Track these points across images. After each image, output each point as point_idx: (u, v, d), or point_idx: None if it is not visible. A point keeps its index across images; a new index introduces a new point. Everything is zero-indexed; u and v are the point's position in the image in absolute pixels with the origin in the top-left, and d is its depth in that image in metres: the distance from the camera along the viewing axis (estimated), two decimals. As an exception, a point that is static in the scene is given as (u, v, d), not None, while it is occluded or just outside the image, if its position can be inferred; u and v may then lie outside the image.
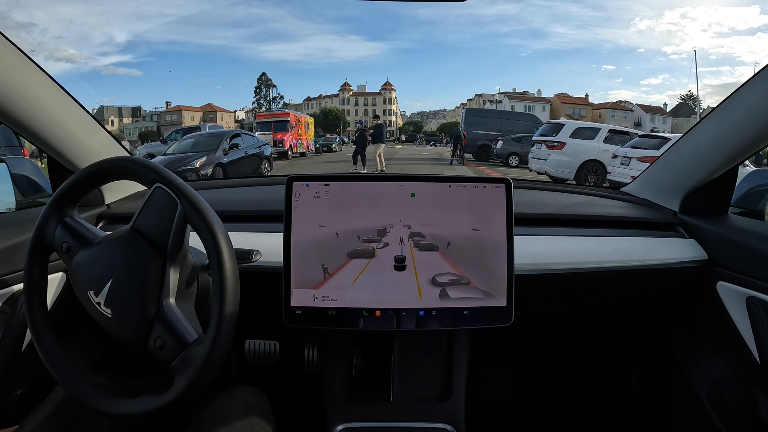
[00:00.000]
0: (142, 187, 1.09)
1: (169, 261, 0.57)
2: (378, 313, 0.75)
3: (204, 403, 0.71)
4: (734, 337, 0.82)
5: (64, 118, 0.84)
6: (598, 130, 7.53)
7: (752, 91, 0.76)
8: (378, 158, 9.09)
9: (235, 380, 1.14)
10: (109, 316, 0.57)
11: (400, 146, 27.70)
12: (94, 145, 0.92)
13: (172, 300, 0.57)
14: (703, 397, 0.91)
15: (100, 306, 0.57)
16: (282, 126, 15.48)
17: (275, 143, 13.93)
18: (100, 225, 0.95)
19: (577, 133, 7.40)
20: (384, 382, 0.91)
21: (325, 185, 0.75)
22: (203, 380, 0.53)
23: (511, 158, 11.43)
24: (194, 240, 0.67)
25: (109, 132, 0.98)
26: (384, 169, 9.03)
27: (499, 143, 11.92)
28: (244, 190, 1.19)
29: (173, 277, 0.58)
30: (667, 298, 1.02)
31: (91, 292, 0.58)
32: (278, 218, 0.75)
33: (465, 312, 0.75)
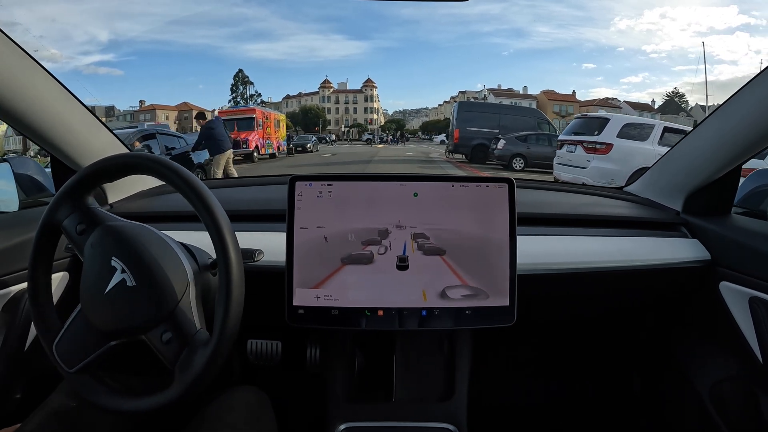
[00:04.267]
0: (144, 187, 1.09)
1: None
2: (380, 312, 0.75)
3: (206, 402, 0.71)
4: (737, 337, 0.82)
5: (67, 117, 0.85)
6: (651, 127, 5.63)
7: (756, 89, 0.76)
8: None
9: (237, 380, 1.14)
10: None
11: (382, 146, 25.81)
12: (97, 144, 0.93)
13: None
14: (705, 398, 0.91)
15: (124, 271, 0.56)
16: (247, 124, 13.58)
17: (237, 144, 12.06)
18: None
19: (627, 132, 5.50)
20: (386, 381, 0.91)
21: (328, 185, 0.75)
22: (205, 379, 0.54)
23: (515, 160, 9.77)
24: (196, 239, 0.67)
25: (111, 131, 0.98)
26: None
27: (501, 143, 10.11)
28: (246, 190, 1.20)
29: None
30: (670, 299, 1.01)
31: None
32: (281, 218, 0.75)
33: (467, 312, 0.75)
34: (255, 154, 12.91)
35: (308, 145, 18.25)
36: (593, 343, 1.22)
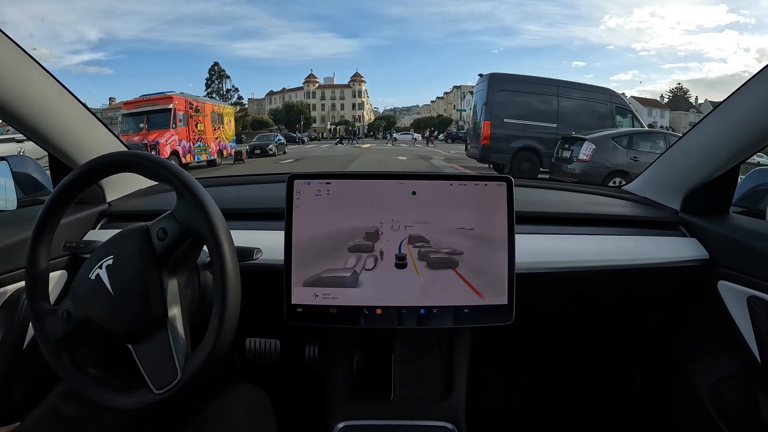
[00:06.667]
0: (144, 185, 1.09)
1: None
2: (379, 311, 0.75)
3: (205, 400, 0.71)
4: (735, 336, 0.82)
5: (65, 115, 0.84)
6: None
7: (755, 89, 0.76)
8: None
9: (236, 378, 1.14)
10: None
11: (367, 146, 22.12)
12: (94, 142, 0.92)
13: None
14: (705, 397, 0.91)
15: (101, 266, 0.57)
16: (160, 119, 9.23)
17: (144, 150, 8.12)
18: (102, 223, 0.95)
19: None
20: (385, 380, 0.91)
21: (326, 183, 0.75)
22: (200, 378, 0.54)
23: (613, 183, 4.81)
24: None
25: (110, 129, 0.98)
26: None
27: (587, 148, 5.33)
28: (245, 188, 1.20)
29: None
30: (668, 298, 1.01)
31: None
32: (279, 216, 0.75)
33: (466, 310, 0.75)
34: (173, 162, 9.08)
35: (270, 147, 14.05)
36: (592, 342, 1.22)
